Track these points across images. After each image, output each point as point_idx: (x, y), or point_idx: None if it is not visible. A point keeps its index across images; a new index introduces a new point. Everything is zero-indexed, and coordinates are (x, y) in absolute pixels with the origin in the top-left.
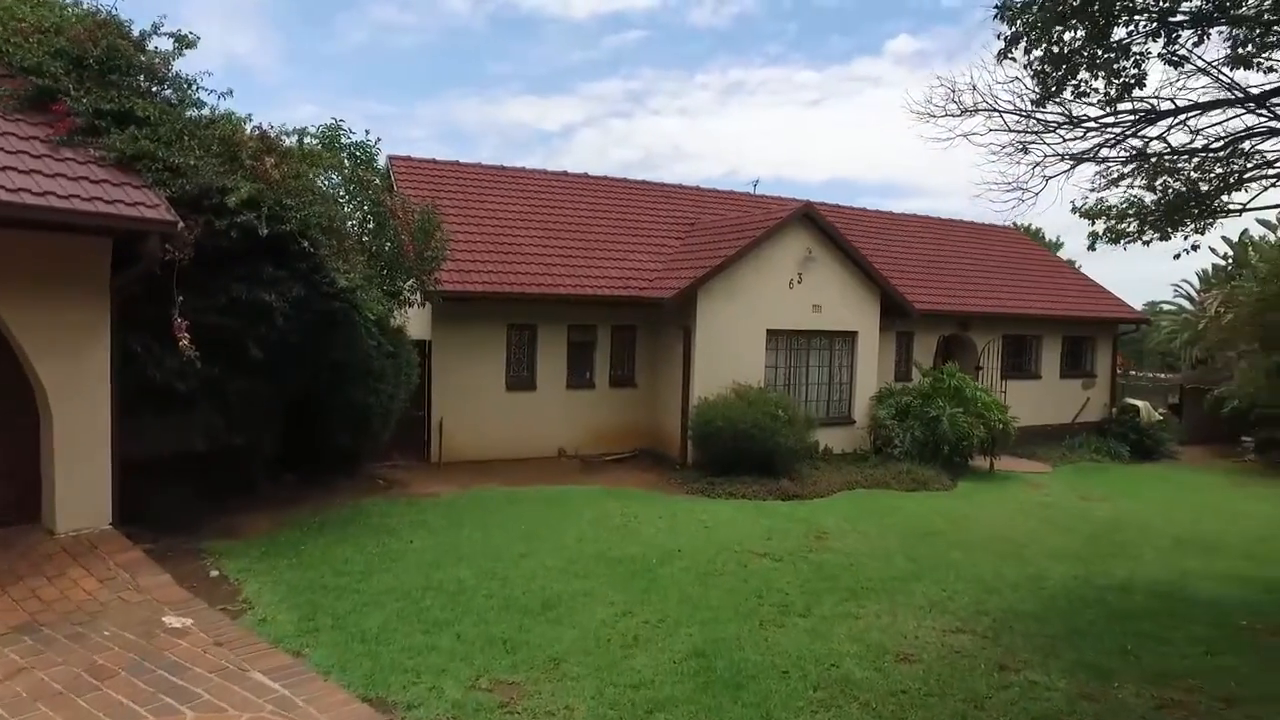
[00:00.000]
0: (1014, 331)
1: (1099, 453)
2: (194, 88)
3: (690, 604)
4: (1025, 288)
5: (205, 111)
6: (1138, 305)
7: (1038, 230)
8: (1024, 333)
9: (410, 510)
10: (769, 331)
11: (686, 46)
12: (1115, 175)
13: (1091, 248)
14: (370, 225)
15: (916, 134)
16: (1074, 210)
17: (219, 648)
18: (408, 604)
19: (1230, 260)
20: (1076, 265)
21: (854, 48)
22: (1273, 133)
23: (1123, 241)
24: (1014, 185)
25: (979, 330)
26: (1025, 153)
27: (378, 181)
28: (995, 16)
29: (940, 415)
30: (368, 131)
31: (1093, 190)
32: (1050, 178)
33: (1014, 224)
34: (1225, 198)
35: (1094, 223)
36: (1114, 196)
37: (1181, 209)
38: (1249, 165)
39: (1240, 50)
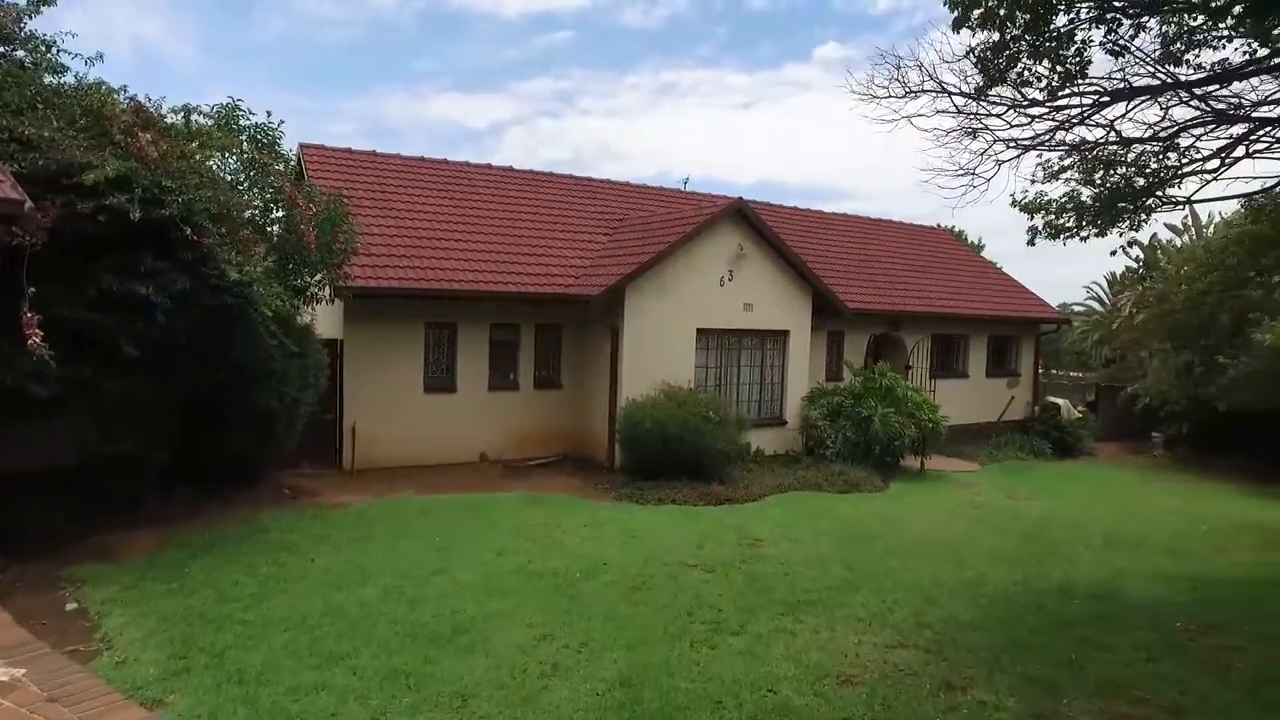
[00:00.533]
0: (942, 331)
1: (1024, 451)
2: (53, 50)
3: (616, 624)
4: (953, 288)
5: (69, 79)
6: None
7: (960, 232)
8: (952, 332)
9: (315, 523)
10: (699, 330)
11: (617, 47)
12: (1056, 168)
13: (1031, 242)
14: (277, 214)
15: (860, 114)
16: (1014, 204)
17: (51, 704)
18: (300, 633)
19: (1141, 263)
20: (998, 267)
21: (783, 53)
22: (1208, 122)
23: (1062, 236)
24: (963, 170)
25: (909, 330)
26: (973, 137)
27: (281, 168)
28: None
29: (872, 415)
30: (269, 113)
31: (1034, 183)
32: (1003, 162)
33: (939, 225)
34: (1160, 194)
35: (1033, 217)
36: (1055, 190)
37: (1118, 204)
38: (1184, 162)
39: (1170, 47)
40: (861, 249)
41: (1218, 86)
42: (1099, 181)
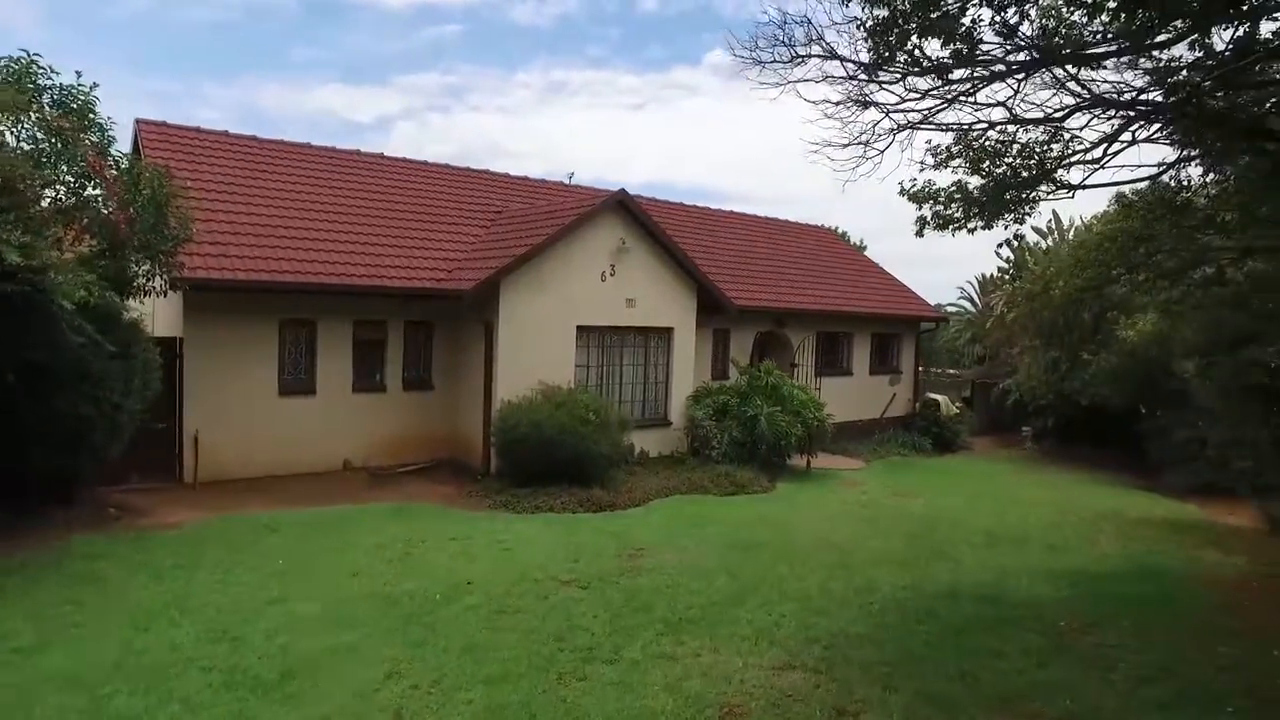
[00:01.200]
0: (828, 329)
1: (906, 447)
2: None
3: (475, 655)
4: (838, 285)
5: None
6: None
7: (844, 233)
8: (837, 330)
9: (135, 548)
10: (580, 328)
11: (507, 44)
12: (944, 155)
13: (919, 233)
14: (93, 193)
15: (744, 77)
16: (902, 192)
17: None
18: (80, 694)
19: (1011, 263)
20: (880, 267)
21: (673, 56)
22: (1088, 106)
23: (950, 227)
24: (854, 141)
25: (795, 327)
26: (864, 108)
27: (94, 139)
28: None
29: (758, 414)
30: (79, 74)
31: (922, 169)
32: (897, 130)
33: (833, 229)
34: (1047, 183)
35: (921, 207)
36: (943, 178)
37: (1005, 194)
38: (1069, 152)
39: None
40: (748, 247)
41: (1093, 72)
42: (986, 171)
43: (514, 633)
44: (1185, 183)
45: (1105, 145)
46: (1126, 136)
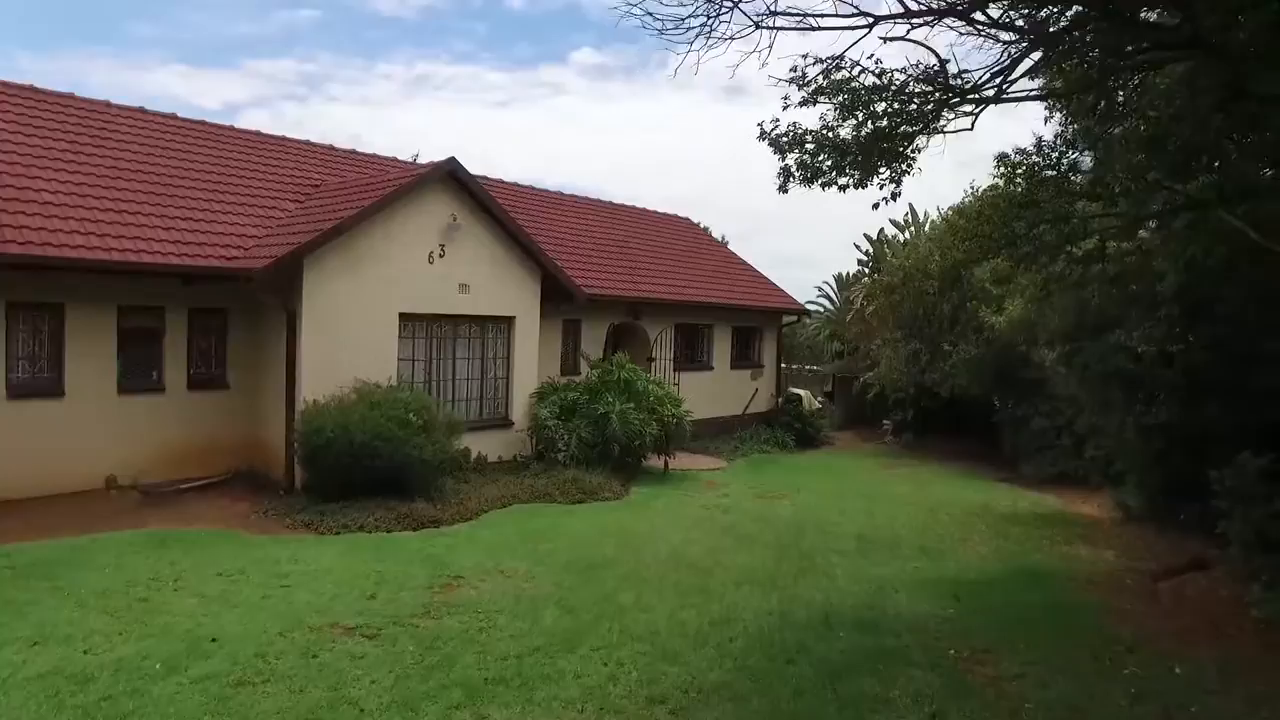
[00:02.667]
0: (686, 320)
1: (768, 443)
2: None
3: None
4: (697, 276)
5: None
6: (783, 317)
7: (706, 228)
8: (696, 322)
9: None
10: (404, 316)
11: (369, 33)
12: (813, 87)
13: (783, 189)
14: None
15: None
16: (762, 136)
17: None
18: None
19: (870, 256)
20: (742, 260)
21: (541, 54)
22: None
23: (819, 181)
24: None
25: (651, 319)
26: None
27: None
28: None
29: (609, 412)
30: None
31: (786, 108)
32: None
33: (707, 230)
34: (923, 140)
35: (785, 156)
36: (809, 117)
37: (882, 144)
38: (951, 96)
39: None
40: (602, 234)
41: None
42: (860, 119)
43: (248, 718)
44: (1071, 142)
45: (1000, 78)
46: (1027, 64)
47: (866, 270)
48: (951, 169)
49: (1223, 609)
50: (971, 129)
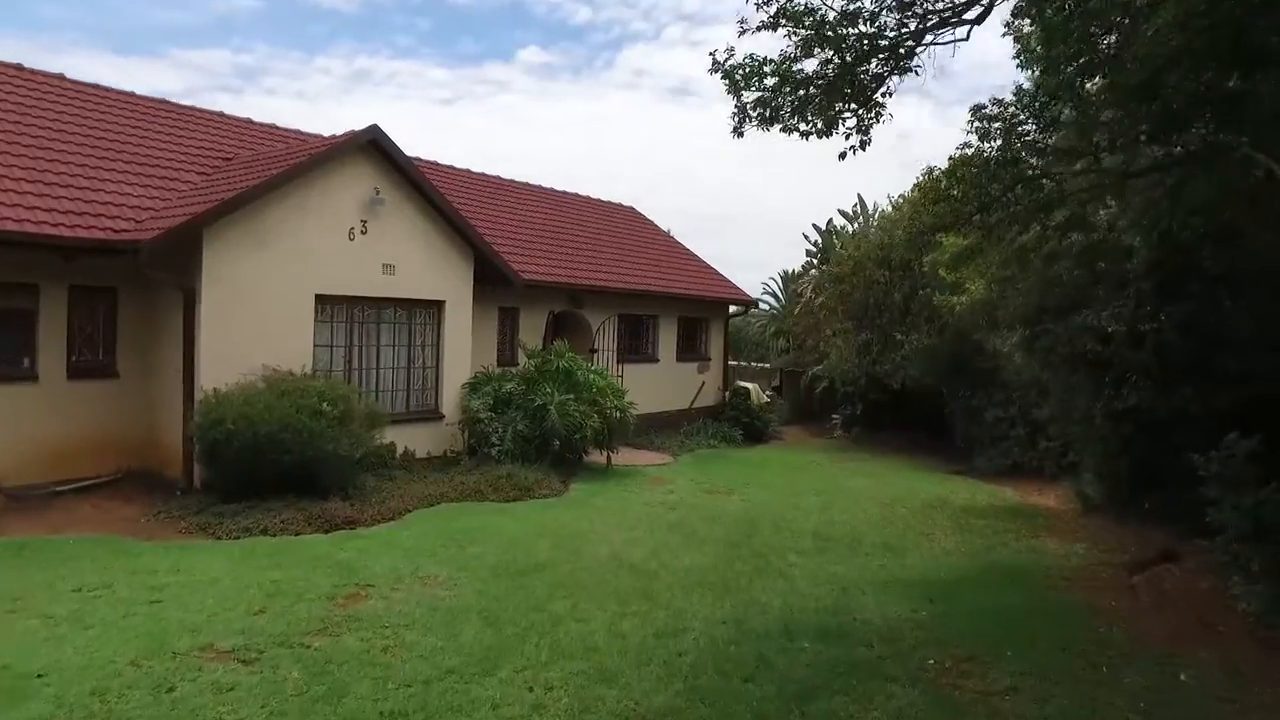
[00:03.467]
0: (631, 310)
1: (716, 438)
2: None
3: None
4: (641, 264)
5: None
6: (730, 308)
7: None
8: (641, 312)
9: None
10: (321, 298)
11: (307, 26)
12: (775, 7)
13: (738, 131)
14: None
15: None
16: (715, 67)
17: None
18: None
19: (819, 248)
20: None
21: (485, 51)
22: None
23: (777, 125)
24: None
25: (594, 308)
26: None
27: None
28: None
29: (547, 404)
30: None
31: (741, 33)
32: None
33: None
34: (895, 80)
35: (740, 95)
36: (770, 43)
37: (845, 85)
38: (926, 24)
39: None
40: (543, 220)
41: None
42: (828, 55)
43: None
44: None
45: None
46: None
47: (815, 261)
48: (898, 170)
49: (1207, 603)
50: (953, 56)
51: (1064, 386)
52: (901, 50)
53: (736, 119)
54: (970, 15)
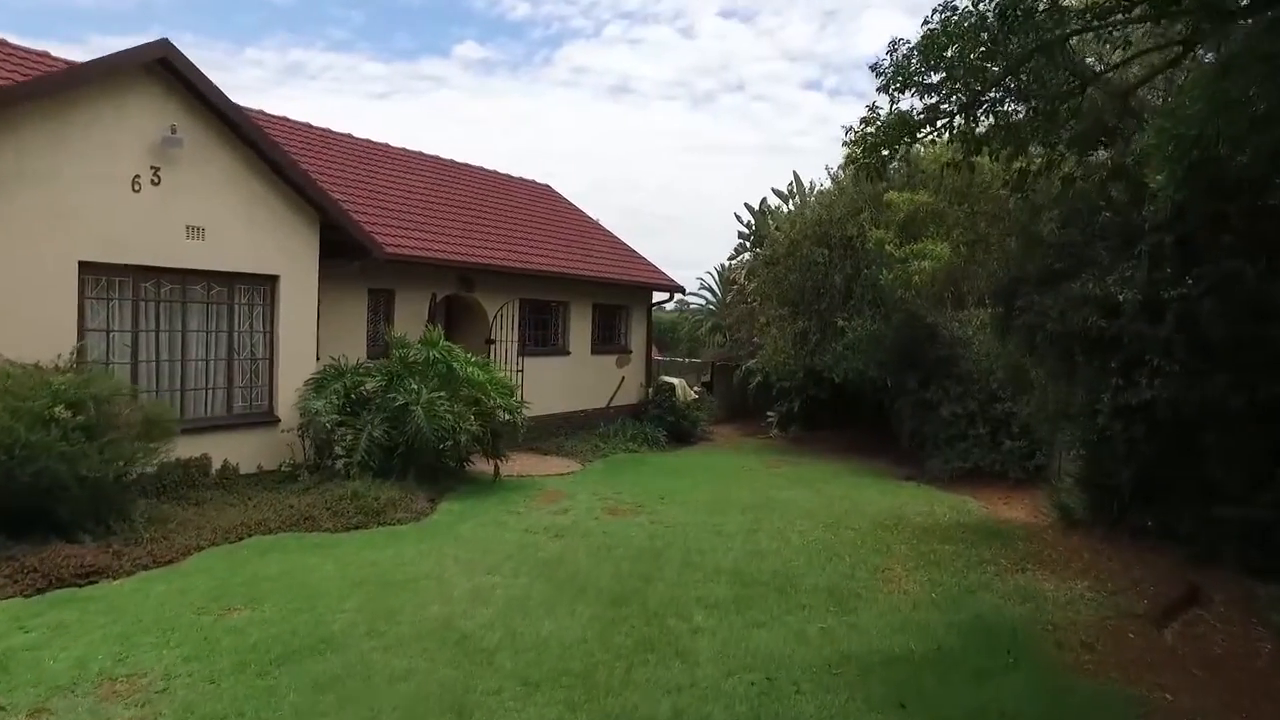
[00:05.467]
0: (536, 296)
1: (636, 440)
2: None
3: None
4: (550, 244)
5: None
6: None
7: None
8: (548, 298)
9: None
10: (90, 267)
11: (235, 15)
12: None
13: None
14: None
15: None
16: None
17: None
18: None
19: (751, 229)
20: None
21: (421, 46)
22: None
23: None
24: None
25: (489, 291)
26: None
27: None
28: None
29: (412, 404)
30: None
31: None
32: None
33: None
34: None
35: None
36: None
37: None
38: None
39: None
40: (434, 192)
41: None
42: None
43: None
44: None
45: None
46: None
47: (748, 244)
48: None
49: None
50: None
51: (1054, 376)
52: None
53: None
54: None
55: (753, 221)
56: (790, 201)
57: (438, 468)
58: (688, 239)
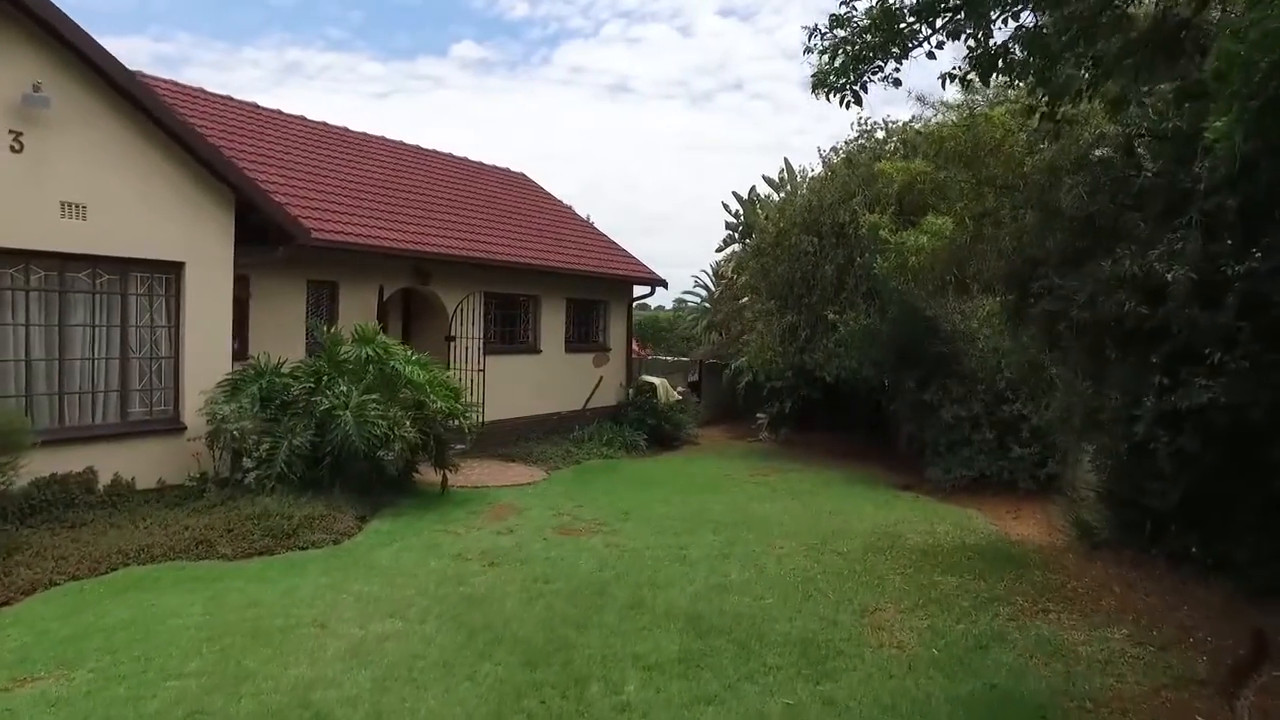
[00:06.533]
0: (502, 289)
1: (613, 445)
2: None
3: None
4: (520, 234)
5: None
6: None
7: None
8: (516, 292)
9: None
10: None
11: (233, 14)
12: None
13: None
14: None
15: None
16: None
17: None
18: None
19: (740, 219)
20: (588, 220)
21: (419, 46)
22: None
23: None
24: None
25: (449, 285)
26: None
27: None
28: None
29: (339, 408)
30: None
31: None
32: None
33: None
34: None
35: None
36: None
37: None
38: None
39: None
40: (390, 178)
41: None
42: None
43: None
44: None
45: None
46: None
47: (735, 235)
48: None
49: None
50: None
51: (1080, 374)
52: None
53: None
54: None
55: (741, 211)
56: (782, 190)
57: (372, 480)
58: (686, 238)
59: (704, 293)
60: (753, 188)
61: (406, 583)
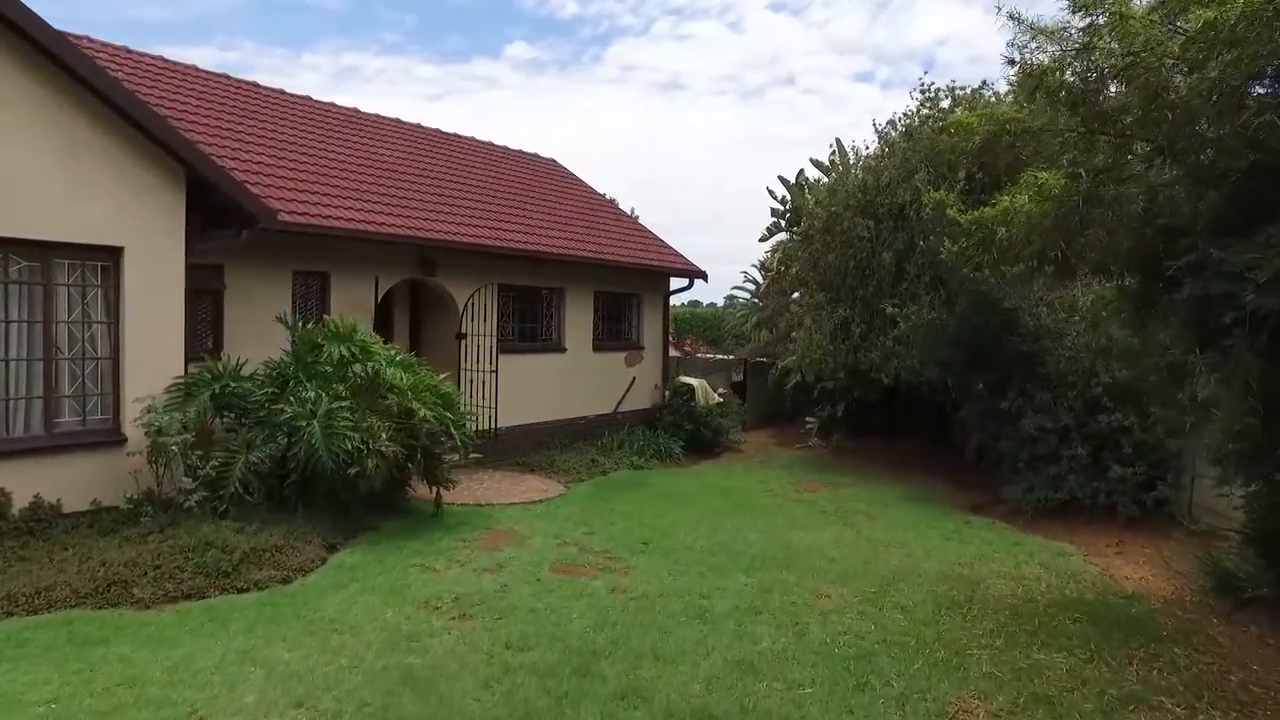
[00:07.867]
0: (520, 281)
1: (644, 453)
2: None
3: None
4: (542, 220)
5: None
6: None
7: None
8: (537, 284)
9: None
10: None
11: (293, 21)
12: None
13: None
14: None
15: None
16: None
17: None
18: None
19: (787, 206)
20: (627, 209)
21: (473, 47)
22: None
23: None
24: None
25: (460, 276)
26: None
27: None
28: None
29: (303, 417)
30: None
31: None
32: None
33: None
34: None
35: None
36: None
37: None
38: None
39: None
40: (401, 162)
41: None
42: None
43: None
44: None
45: None
46: None
47: (781, 223)
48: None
49: None
50: None
51: (1250, 388)
52: None
53: None
54: None
55: (788, 196)
56: (832, 174)
57: (349, 500)
58: (739, 233)
59: (753, 287)
60: (800, 171)
61: (342, 647)
